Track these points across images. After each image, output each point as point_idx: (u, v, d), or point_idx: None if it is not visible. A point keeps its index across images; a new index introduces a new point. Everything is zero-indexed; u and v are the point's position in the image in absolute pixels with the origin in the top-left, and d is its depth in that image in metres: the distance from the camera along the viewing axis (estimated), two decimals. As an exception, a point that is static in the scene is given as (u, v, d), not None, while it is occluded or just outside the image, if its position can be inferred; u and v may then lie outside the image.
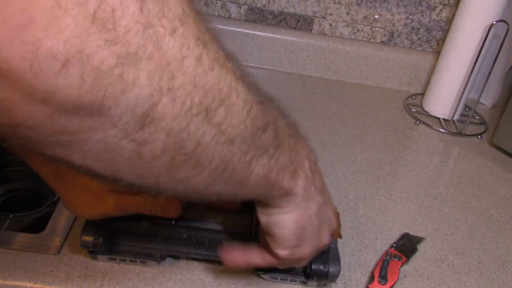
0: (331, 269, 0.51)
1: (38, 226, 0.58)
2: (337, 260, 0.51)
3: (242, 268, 0.48)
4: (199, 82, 0.26)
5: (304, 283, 0.54)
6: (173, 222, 0.52)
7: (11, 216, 0.70)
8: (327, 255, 0.52)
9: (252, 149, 0.33)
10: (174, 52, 0.25)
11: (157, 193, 0.32)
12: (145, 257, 0.52)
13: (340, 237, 0.54)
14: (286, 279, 0.53)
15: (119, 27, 0.22)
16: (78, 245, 0.54)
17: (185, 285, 0.52)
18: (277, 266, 0.47)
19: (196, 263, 0.54)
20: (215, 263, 0.54)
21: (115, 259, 0.52)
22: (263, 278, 0.54)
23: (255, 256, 0.46)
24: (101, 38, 0.22)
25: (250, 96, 0.31)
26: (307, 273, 0.52)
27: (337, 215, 0.55)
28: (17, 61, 0.21)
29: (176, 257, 0.54)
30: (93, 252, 0.51)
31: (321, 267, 0.51)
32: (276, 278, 0.53)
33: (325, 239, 0.47)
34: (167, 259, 0.54)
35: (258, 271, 0.53)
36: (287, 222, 0.42)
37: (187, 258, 0.54)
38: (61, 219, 0.57)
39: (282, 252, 0.44)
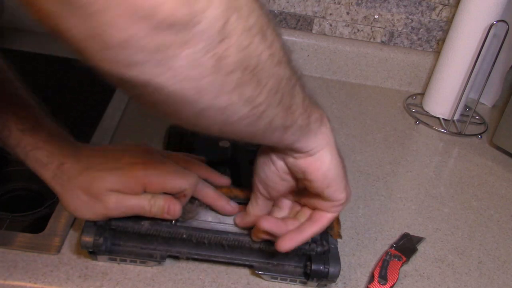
0: (331, 269, 0.51)
1: (38, 226, 0.58)
2: (337, 260, 0.51)
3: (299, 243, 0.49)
4: (251, 5, 0.31)
5: (304, 283, 0.54)
6: (173, 222, 0.52)
7: (11, 216, 0.70)
8: (327, 255, 0.52)
9: (292, 75, 0.38)
10: None
11: (224, 121, 0.35)
12: (145, 257, 0.52)
13: (340, 237, 0.54)
14: (286, 279, 0.53)
15: None
16: (78, 245, 0.54)
17: (185, 285, 0.52)
18: (332, 217, 0.49)
19: (196, 263, 0.54)
20: (215, 263, 0.54)
21: (115, 260, 0.52)
22: (263, 278, 0.54)
23: (308, 228, 0.48)
24: None
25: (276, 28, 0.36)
26: (307, 273, 0.52)
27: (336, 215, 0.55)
28: None
29: (176, 258, 0.54)
30: (93, 252, 0.51)
31: (321, 267, 0.51)
32: (276, 278, 0.53)
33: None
34: (167, 260, 0.54)
35: (258, 271, 0.53)
36: (334, 157, 0.45)
37: (187, 259, 0.54)
38: (61, 219, 0.57)
39: (342, 195, 0.47)
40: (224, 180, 0.55)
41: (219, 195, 0.53)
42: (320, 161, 0.45)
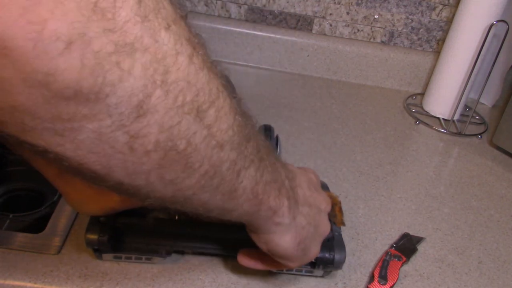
0: (337, 256, 0.51)
1: (38, 226, 0.58)
2: (342, 247, 0.52)
3: (259, 269, 0.51)
4: (191, 80, 0.27)
5: (310, 272, 0.54)
6: (176, 217, 0.52)
7: (11, 216, 0.69)
8: (332, 243, 0.52)
9: (240, 158, 0.33)
10: (169, 47, 0.26)
11: (145, 196, 0.31)
12: (151, 253, 0.52)
13: (344, 224, 0.54)
14: (291, 269, 0.53)
15: (118, 17, 0.23)
16: (78, 244, 0.54)
17: (185, 285, 0.52)
18: (289, 268, 0.49)
19: (196, 263, 0.54)
20: (219, 257, 0.54)
21: (120, 257, 0.52)
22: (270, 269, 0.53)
23: (269, 261, 0.48)
24: (100, 26, 0.23)
25: (233, 104, 0.32)
26: (312, 262, 0.52)
27: (338, 203, 0.55)
28: (21, 40, 0.21)
29: (181, 252, 0.54)
30: (98, 250, 0.51)
31: (327, 254, 0.51)
32: (281, 269, 0.53)
33: (326, 230, 0.48)
34: (167, 259, 0.54)
35: None
36: (286, 243, 0.43)
37: (193, 253, 0.54)
38: (61, 219, 0.57)
39: (292, 265, 0.47)
40: None
41: None
42: (263, 243, 0.44)
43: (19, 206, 0.72)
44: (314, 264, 0.52)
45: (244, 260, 0.50)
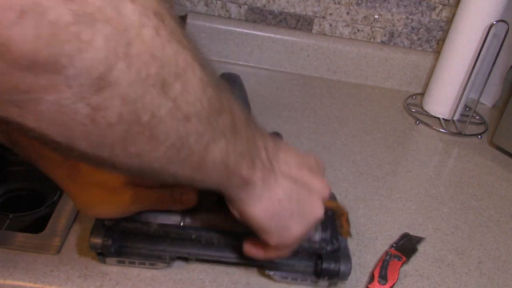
0: (342, 267, 0.50)
1: (38, 226, 0.58)
2: (348, 258, 0.51)
3: (263, 260, 0.50)
4: (156, 52, 0.27)
5: (315, 282, 0.53)
6: (181, 223, 0.52)
7: (11, 216, 0.69)
8: (338, 254, 0.51)
9: (208, 131, 0.33)
10: (133, 19, 0.25)
11: (112, 167, 0.31)
12: (155, 259, 0.51)
13: (350, 235, 0.54)
14: (296, 279, 0.53)
15: None
16: (78, 244, 0.54)
17: (185, 285, 0.52)
18: (282, 254, 0.48)
19: (196, 263, 0.54)
20: (224, 263, 0.54)
21: (124, 262, 0.52)
22: (273, 279, 0.53)
23: (269, 250, 0.47)
24: None
25: (205, 77, 0.32)
26: (317, 272, 0.52)
27: (345, 214, 0.55)
28: None
29: (185, 259, 0.54)
30: (101, 254, 0.50)
31: (332, 265, 0.50)
32: (287, 278, 0.53)
33: (315, 212, 0.46)
34: (176, 261, 0.53)
35: (268, 270, 0.52)
36: (256, 213, 0.42)
37: (197, 260, 0.54)
38: (61, 219, 0.57)
39: (270, 240, 0.44)
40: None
41: None
42: (235, 210, 0.43)
43: (19, 206, 0.72)
44: (319, 275, 0.51)
45: (249, 248, 0.49)
